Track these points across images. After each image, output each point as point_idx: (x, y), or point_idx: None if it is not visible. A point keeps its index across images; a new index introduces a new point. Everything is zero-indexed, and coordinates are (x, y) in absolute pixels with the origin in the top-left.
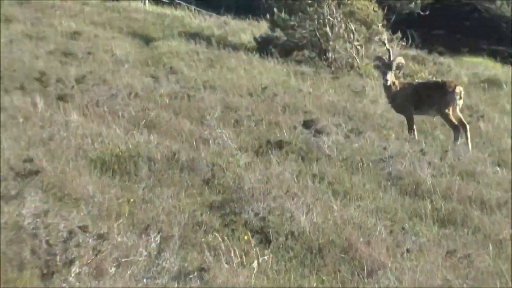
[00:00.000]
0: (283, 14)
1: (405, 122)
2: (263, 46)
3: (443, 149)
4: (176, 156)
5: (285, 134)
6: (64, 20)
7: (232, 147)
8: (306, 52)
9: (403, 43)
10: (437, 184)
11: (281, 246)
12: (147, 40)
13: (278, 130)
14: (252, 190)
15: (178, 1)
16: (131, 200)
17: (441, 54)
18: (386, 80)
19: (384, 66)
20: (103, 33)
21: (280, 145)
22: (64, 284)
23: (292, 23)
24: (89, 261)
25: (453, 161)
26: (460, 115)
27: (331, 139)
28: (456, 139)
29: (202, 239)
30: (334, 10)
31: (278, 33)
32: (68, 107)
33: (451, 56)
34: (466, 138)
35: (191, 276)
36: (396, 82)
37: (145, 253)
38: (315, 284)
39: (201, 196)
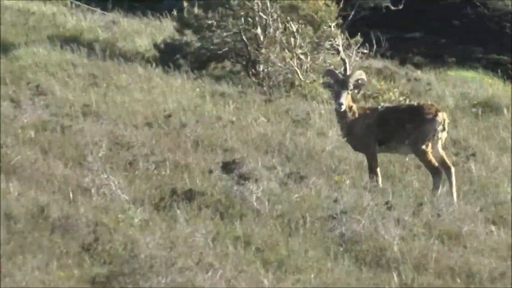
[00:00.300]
0: (195, 10)
1: (366, 163)
2: (168, 56)
3: (418, 201)
4: (44, 212)
5: (197, 181)
6: None
7: (123, 199)
8: (228, 64)
9: (365, 51)
10: (407, 250)
11: None
12: (3, 48)
13: (187, 175)
14: (150, 259)
15: None
16: None
17: (418, 66)
18: (340, 104)
19: (338, 84)
20: None
21: (189, 196)
22: None
23: (209, 22)
24: None
25: (430, 217)
26: (443, 154)
27: (262, 188)
28: (436, 187)
29: None
30: (269, 4)
31: (189, 36)
32: None
33: (432, 69)
34: (450, 185)
35: None
36: (354, 107)
37: None
38: None
39: (80, 267)
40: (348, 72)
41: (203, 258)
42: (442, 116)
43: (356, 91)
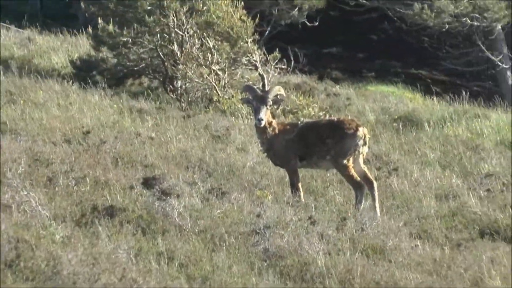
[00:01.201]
0: (110, 27)
1: (287, 178)
2: (85, 72)
3: (341, 216)
4: None
5: (118, 197)
6: None
7: (44, 215)
8: (146, 80)
9: (283, 67)
10: (332, 265)
11: None
12: None
13: (107, 191)
14: (73, 275)
15: None
16: None
17: (336, 81)
18: (259, 120)
19: (256, 99)
20: None
21: (111, 212)
22: None
23: (125, 39)
24: None
25: (354, 232)
26: (365, 168)
27: (183, 204)
28: (359, 201)
29: None
30: (184, 20)
31: (105, 53)
32: None
33: (351, 84)
34: (373, 200)
35: None
36: (274, 123)
37: None
38: None
39: (3, 284)
40: (267, 88)
41: (126, 274)
42: (362, 131)
43: (275, 106)
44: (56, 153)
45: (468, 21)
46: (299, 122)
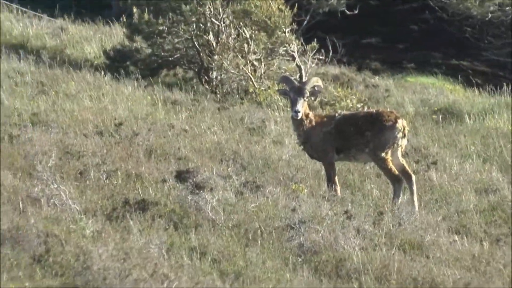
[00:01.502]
0: (146, 16)
1: (323, 172)
2: (118, 63)
3: (378, 210)
4: None
5: (150, 190)
6: None
7: (74, 209)
8: (180, 71)
9: (321, 57)
10: (368, 260)
11: None
12: None
13: (139, 184)
14: (103, 271)
15: None
16: None
17: (375, 72)
18: (296, 112)
19: (293, 91)
20: None
21: (142, 206)
22: None
23: (160, 28)
24: None
25: (391, 227)
26: (403, 162)
27: (217, 197)
28: (396, 195)
29: None
30: (221, 9)
31: (140, 43)
32: None
33: (390, 75)
34: (411, 194)
35: None
36: (311, 115)
37: None
38: None
39: (31, 280)
40: (304, 79)
41: (157, 269)
42: (401, 123)
43: (312, 98)
44: (87, 145)
45: None
46: (337, 114)
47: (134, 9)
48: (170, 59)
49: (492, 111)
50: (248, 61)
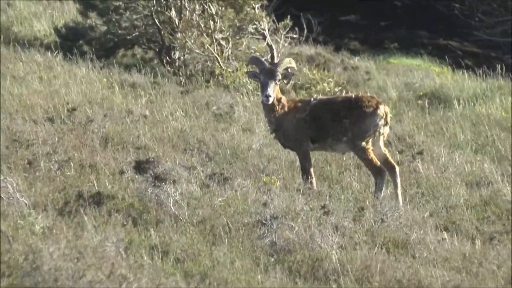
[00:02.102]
0: None
1: (298, 162)
2: (70, 42)
3: (358, 205)
4: None
5: (107, 183)
6: None
7: (22, 203)
8: (139, 50)
9: (295, 36)
10: (348, 260)
11: None
12: None
13: (95, 176)
14: (54, 271)
15: None
16: None
17: (355, 53)
18: (267, 96)
19: (264, 73)
20: None
21: (98, 200)
22: None
23: (116, 3)
24: None
25: (373, 224)
26: (386, 152)
27: (180, 191)
28: (379, 189)
29: None
30: None
31: (94, 20)
32: None
33: (371, 56)
34: (395, 187)
35: None
36: (283, 99)
37: None
38: None
39: None
40: (276, 60)
41: (115, 270)
42: (383, 109)
43: (285, 81)
44: (37, 133)
45: None
46: (312, 99)
47: None
48: (128, 37)
49: (483, 96)
50: (214, 40)
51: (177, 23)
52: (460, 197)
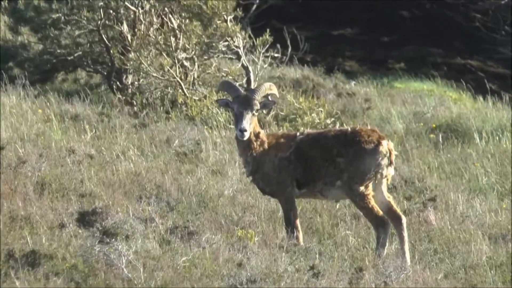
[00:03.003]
0: (35, 0)
1: (281, 212)
2: None
3: (356, 265)
4: None
5: (44, 239)
6: None
7: None
8: (83, 74)
9: (276, 55)
10: None
11: None
12: None
13: (28, 231)
14: None
15: None
16: None
17: (352, 76)
18: (243, 131)
19: (239, 102)
20: None
21: (33, 260)
22: None
23: (55, 16)
24: None
25: None
26: (390, 198)
27: (134, 249)
28: (381, 245)
29: None
30: None
31: (27, 36)
32: None
33: (372, 79)
34: (402, 242)
35: None
36: (262, 134)
37: None
38: None
39: None
40: (253, 85)
41: None
42: (387, 145)
43: (264, 111)
44: None
45: None
46: (298, 134)
47: None
48: (69, 58)
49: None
50: (176, 61)
51: (130, 40)
52: (482, 255)
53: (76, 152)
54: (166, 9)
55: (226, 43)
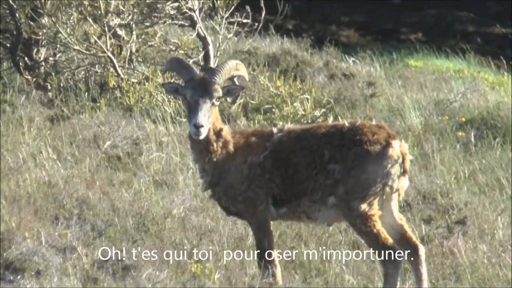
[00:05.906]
0: None
1: (251, 239)
2: None
3: None
4: None
5: None
6: None
7: None
8: None
9: (245, 21)
10: None
11: None
12: None
13: None
14: None
15: None
16: None
17: (349, 49)
18: (197, 127)
19: (193, 87)
20: None
21: None
22: None
23: None
24: None
25: None
26: (402, 221)
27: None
28: (390, 282)
29: None
30: None
31: None
32: None
33: (377, 54)
34: (419, 280)
35: None
36: (226, 132)
37: None
38: None
39: None
40: (213, 64)
41: None
42: (399, 147)
43: (229, 99)
44: None
45: None
46: (276, 131)
47: None
48: None
49: None
50: (106, 29)
51: (43, 0)
52: None
53: None
54: None
55: (176, 4)
